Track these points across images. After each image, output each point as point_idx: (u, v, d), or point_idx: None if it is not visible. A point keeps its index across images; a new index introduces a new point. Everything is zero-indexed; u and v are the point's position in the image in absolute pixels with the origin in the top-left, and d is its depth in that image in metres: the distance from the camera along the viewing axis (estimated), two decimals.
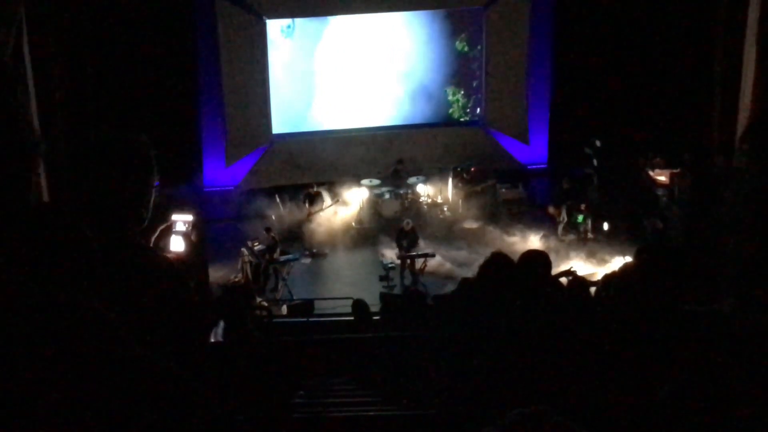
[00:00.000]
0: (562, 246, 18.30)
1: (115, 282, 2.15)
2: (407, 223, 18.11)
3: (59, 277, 2.02)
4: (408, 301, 9.54)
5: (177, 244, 7.49)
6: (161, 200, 3.12)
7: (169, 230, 7.87)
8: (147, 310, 2.65)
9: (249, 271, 17.40)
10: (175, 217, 8.19)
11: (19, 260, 1.97)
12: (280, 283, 17.40)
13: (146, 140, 3.01)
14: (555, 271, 7.60)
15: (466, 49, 23.34)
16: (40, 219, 2.08)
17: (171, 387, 2.02)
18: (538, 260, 6.37)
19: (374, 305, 11.51)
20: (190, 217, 8.76)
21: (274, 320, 13.26)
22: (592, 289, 8.63)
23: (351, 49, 22.71)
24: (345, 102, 23.09)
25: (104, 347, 1.98)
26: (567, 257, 17.02)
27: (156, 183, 2.95)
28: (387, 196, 20.64)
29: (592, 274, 14.58)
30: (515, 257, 6.51)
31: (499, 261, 6.22)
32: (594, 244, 18.44)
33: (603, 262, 17.13)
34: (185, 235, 7.85)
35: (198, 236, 11.12)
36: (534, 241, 18.33)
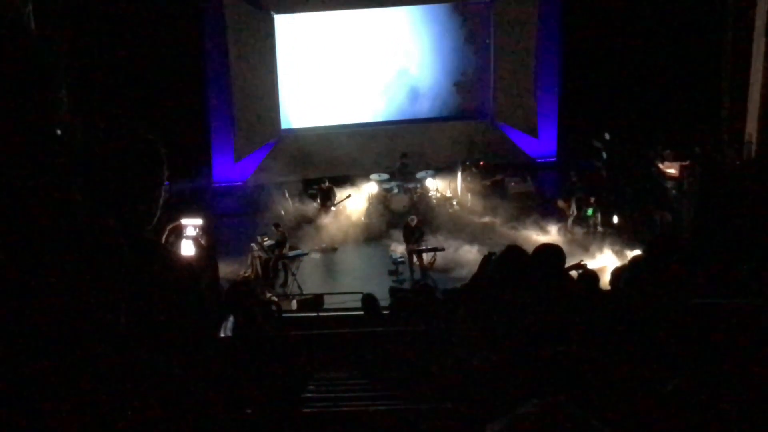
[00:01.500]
0: (573, 239, 18.31)
1: (129, 279, 2.16)
2: (412, 219, 18.13)
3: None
4: (417, 295, 9.53)
5: (188, 248, 7.49)
6: (170, 197, 3.13)
7: (178, 229, 7.87)
8: (158, 306, 2.66)
9: (258, 266, 17.43)
10: (185, 221, 8.18)
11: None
12: (290, 278, 17.41)
13: (156, 138, 3.01)
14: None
15: (474, 43, 23.34)
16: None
17: (173, 389, 2.03)
18: (553, 254, 6.35)
19: (384, 300, 11.50)
20: (200, 221, 8.75)
21: (284, 315, 13.28)
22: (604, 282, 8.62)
23: (359, 44, 22.71)
24: (353, 97, 23.10)
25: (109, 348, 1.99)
26: (582, 250, 17.06)
27: (166, 183, 2.95)
28: (396, 190, 20.64)
29: (602, 268, 14.57)
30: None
31: (514, 254, 6.21)
32: (603, 237, 18.42)
33: (613, 255, 17.11)
34: (195, 240, 7.86)
35: (208, 240, 11.10)
36: (543, 235, 18.35)
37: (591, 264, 14.84)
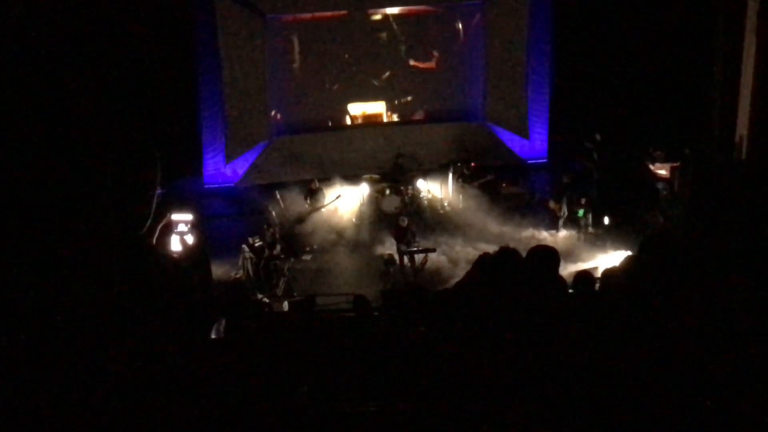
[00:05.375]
0: (565, 240, 18.37)
1: (123, 280, 2.17)
2: (403, 220, 18.14)
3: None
4: (409, 296, 9.52)
5: (177, 244, 7.46)
6: (163, 200, 3.13)
7: (168, 227, 7.84)
8: (152, 306, 2.65)
9: (250, 267, 17.40)
10: (175, 217, 8.17)
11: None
12: (281, 280, 17.39)
13: (149, 141, 3.02)
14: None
15: (466, 44, 23.38)
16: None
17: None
18: (547, 256, 6.35)
19: (375, 301, 11.49)
20: (190, 217, 8.73)
21: (275, 316, 13.26)
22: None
23: (351, 44, 22.72)
24: (345, 97, 23.12)
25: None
26: (573, 251, 17.15)
27: (159, 190, 2.96)
28: (387, 191, 20.65)
29: (593, 269, 14.59)
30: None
31: (509, 256, 6.22)
32: (595, 238, 18.47)
33: (604, 256, 17.15)
34: (185, 235, 7.85)
35: (198, 235, 11.08)
36: (534, 236, 18.42)
37: (582, 265, 14.89)
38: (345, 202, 20.53)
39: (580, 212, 18.85)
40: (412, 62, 23.16)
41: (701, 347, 4.16)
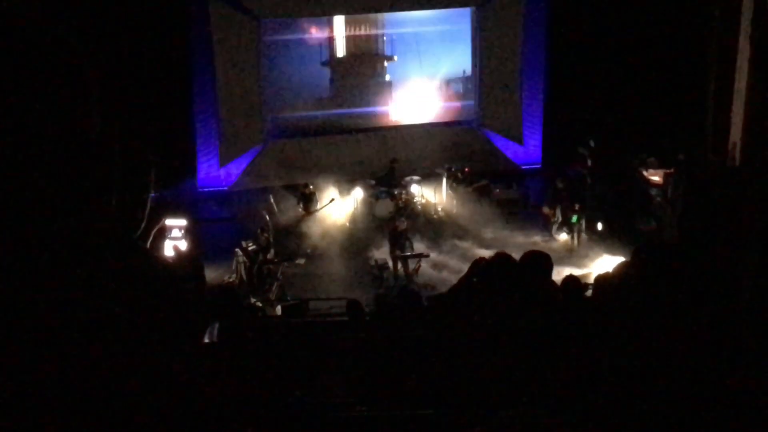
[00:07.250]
0: (559, 246, 18.39)
1: (114, 284, 2.16)
2: (402, 222, 18.10)
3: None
4: (402, 301, 9.51)
5: (171, 250, 7.42)
6: (156, 204, 3.12)
7: (162, 231, 7.83)
8: (144, 311, 2.65)
9: (243, 271, 17.36)
10: (169, 222, 8.15)
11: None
12: (275, 284, 17.36)
13: (144, 143, 3.02)
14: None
15: (460, 48, 23.41)
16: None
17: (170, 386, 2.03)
18: (540, 261, 6.36)
19: (368, 306, 11.48)
20: (184, 222, 8.71)
21: (269, 320, 13.23)
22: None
23: (345, 48, 22.75)
24: (340, 101, 23.13)
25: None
26: (567, 257, 17.17)
27: (153, 194, 2.95)
28: (381, 196, 20.65)
29: (587, 274, 14.61)
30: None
31: (503, 261, 6.23)
32: (588, 243, 18.49)
33: (597, 261, 17.17)
34: (179, 241, 7.82)
35: (192, 241, 11.05)
36: (528, 242, 18.41)
37: (576, 271, 14.90)
38: (339, 206, 20.52)
39: (574, 218, 18.87)
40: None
41: (695, 354, 4.17)
